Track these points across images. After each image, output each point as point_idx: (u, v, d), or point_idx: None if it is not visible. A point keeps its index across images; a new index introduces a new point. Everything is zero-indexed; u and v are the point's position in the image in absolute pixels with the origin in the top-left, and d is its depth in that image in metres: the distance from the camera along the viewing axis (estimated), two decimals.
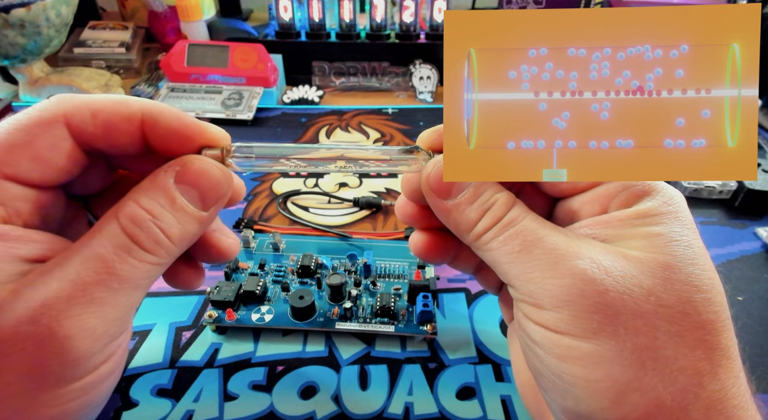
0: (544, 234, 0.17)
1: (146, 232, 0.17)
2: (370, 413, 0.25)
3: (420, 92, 0.59)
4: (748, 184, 0.40)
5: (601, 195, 0.18)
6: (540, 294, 0.17)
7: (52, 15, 0.49)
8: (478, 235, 0.19)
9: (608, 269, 0.16)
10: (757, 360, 0.28)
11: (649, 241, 0.17)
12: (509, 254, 0.18)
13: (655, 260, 0.16)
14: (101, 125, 0.18)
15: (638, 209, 0.18)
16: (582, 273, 0.16)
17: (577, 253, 0.17)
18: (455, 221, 0.19)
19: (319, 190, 0.43)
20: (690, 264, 0.16)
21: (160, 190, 0.17)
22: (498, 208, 0.18)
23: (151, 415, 0.25)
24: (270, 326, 0.29)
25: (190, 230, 0.18)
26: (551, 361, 0.17)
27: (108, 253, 0.16)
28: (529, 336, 0.18)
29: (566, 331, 0.16)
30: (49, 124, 0.17)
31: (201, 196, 0.18)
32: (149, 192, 0.17)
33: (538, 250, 0.17)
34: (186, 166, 0.18)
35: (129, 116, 0.18)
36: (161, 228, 0.17)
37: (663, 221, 0.17)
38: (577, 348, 0.16)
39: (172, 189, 0.17)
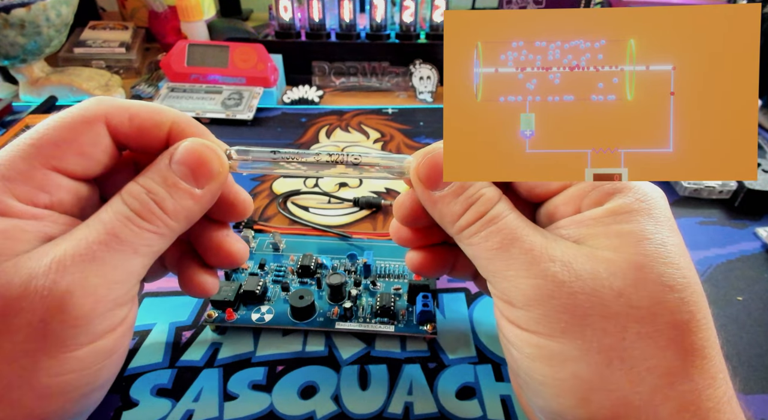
0: (523, 234, 0.18)
1: (143, 204, 0.18)
2: (370, 413, 0.25)
3: (420, 92, 0.59)
4: (748, 184, 0.40)
5: (574, 195, 0.19)
6: (513, 292, 0.17)
7: (52, 15, 0.49)
8: (460, 228, 0.19)
9: (579, 272, 0.17)
10: (757, 360, 0.28)
11: (621, 240, 0.17)
12: (488, 250, 0.18)
13: (626, 260, 0.16)
14: (136, 128, 0.20)
15: (609, 207, 0.18)
16: (553, 276, 0.17)
17: (551, 256, 0.17)
18: (440, 212, 0.20)
19: (319, 190, 0.43)
20: (662, 263, 0.16)
21: (156, 170, 0.19)
22: (482, 204, 0.19)
23: (151, 414, 0.25)
24: (270, 326, 0.29)
25: (185, 205, 0.19)
26: (523, 360, 0.18)
27: (109, 218, 0.18)
28: (504, 334, 0.19)
29: (535, 329, 0.17)
30: (92, 123, 0.19)
31: (192, 173, 0.19)
32: (147, 172, 0.19)
33: (515, 249, 0.18)
34: (179, 147, 0.20)
35: (161, 123, 0.20)
36: (156, 201, 0.19)
37: (634, 219, 0.17)
38: (546, 347, 0.17)
39: (165, 168, 0.19)
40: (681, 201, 0.42)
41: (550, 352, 0.17)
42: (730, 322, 0.31)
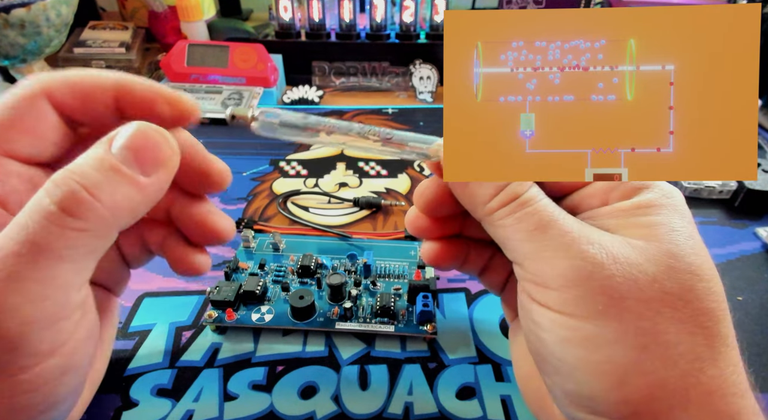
0: (560, 217, 0.18)
1: (69, 193, 0.15)
2: (370, 413, 0.25)
3: (420, 92, 0.59)
4: (748, 184, 0.40)
5: (601, 189, 0.19)
6: (548, 273, 0.17)
7: (52, 15, 0.49)
8: (491, 210, 0.19)
9: (616, 256, 0.17)
10: (756, 359, 0.28)
11: (652, 231, 0.17)
12: (523, 232, 0.18)
13: (658, 248, 0.17)
14: (79, 96, 0.19)
15: (639, 200, 0.18)
16: (593, 257, 0.17)
17: (588, 238, 0.17)
18: (471, 193, 0.20)
19: (319, 190, 0.43)
20: (692, 253, 0.17)
21: (91, 154, 0.16)
22: (517, 185, 0.19)
23: (151, 414, 0.25)
24: (270, 326, 0.29)
25: (126, 194, 0.16)
26: (555, 344, 0.18)
27: (27, 220, 0.15)
28: (533, 319, 0.18)
29: (571, 311, 0.17)
30: (32, 99, 0.18)
31: (136, 157, 0.17)
32: (83, 156, 0.16)
33: (553, 231, 0.18)
34: (121, 129, 0.17)
35: (103, 86, 0.19)
36: (87, 187, 0.15)
37: (663, 212, 0.18)
38: (581, 329, 0.17)
39: (104, 151, 0.16)
40: None
41: (585, 335, 0.17)
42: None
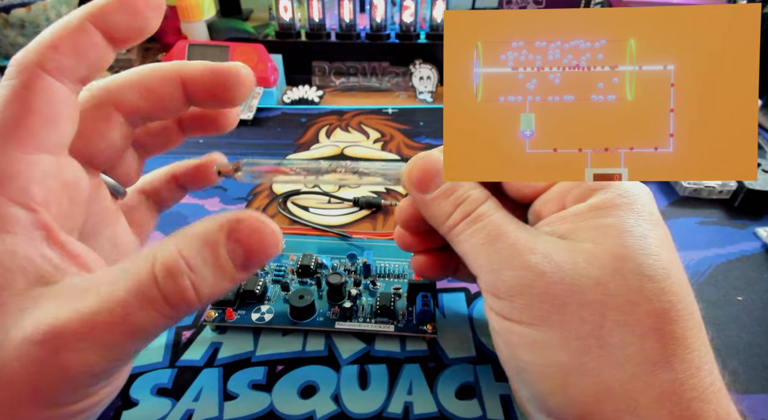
0: (508, 230, 0.19)
1: (178, 285, 0.15)
2: (370, 412, 0.25)
3: (420, 92, 0.59)
4: (748, 184, 0.40)
5: (558, 193, 0.20)
6: (498, 284, 0.18)
7: (53, 15, 0.49)
8: (450, 227, 0.20)
9: (558, 263, 0.17)
10: (756, 360, 0.28)
11: (601, 233, 0.18)
12: (475, 246, 0.19)
13: (605, 250, 0.17)
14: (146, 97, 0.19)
15: (591, 203, 0.19)
16: (534, 266, 0.17)
17: (532, 249, 0.18)
18: (432, 213, 0.21)
19: (319, 190, 0.43)
20: (641, 254, 0.17)
21: (207, 243, 0.16)
22: (469, 203, 0.20)
23: (151, 414, 0.25)
24: (270, 326, 0.29)
25: (220, 290, 0.16)
26: (507, 349, 0.19)
27: (130, 300, 0.15)
28: (491, 325, 0.20)
29: (518, 318, 0.18)
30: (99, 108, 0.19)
31: (246, 256, 0.16)
32: (195, 241, 0.16)
33: (499, 244, 0.19)
34: (241, 222, 0.16)
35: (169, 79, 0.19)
36: (194, 283, 0.15)
37: (615, 213, 0.18)
38: (527, 335, 0.18)
39: (220, 243, 0.16)
40: (681, 201, 0.42)
41: (531, 340, 0.17)
42: (730, 322, 0.31)
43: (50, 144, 0.17)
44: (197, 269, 0.15)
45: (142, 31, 0.18)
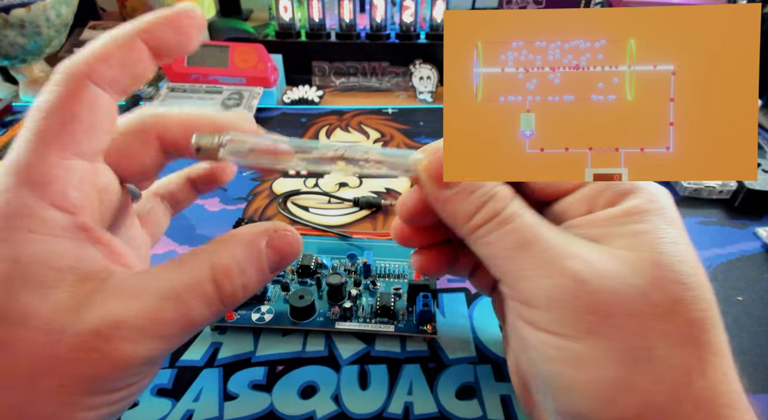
0: (541, 232, 0.17)
1: (232, 285, 0.17)
2: (370, 413, 0.25)
3: (420, 92, 0.59)
4: (748, 184, 0.40)
5: (587, 195, 0.19)
6: (533, 292, 0.17)
7: (52, 15, 0.49)
8: (474, 228, 0.19)
9: (600, 270, 0.16)
10: (756, 360, 0.28)
11: (637, 239, 0.17)
12: (505, 250, 0.18)
13: (643, 259, 0.16)
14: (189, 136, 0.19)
15: (624, 207, 0.18)
16: (575, 274, 0.16)
17: (570, 253, 0.17)
18: (452, 211, 0.19)
19: (319, 190, 0.43)
20: (678, 261, 0.16)
21: (254, 250, 0.18)
22: (497, 201, 0.18)
23: (151, 414, 0.25)
24: (270, 326, 0.29)
25: (258, 289, 0.19)
26: (544, 363, 0.17)
27: (192, 300, 0.17)
28: (522, 337, 0.18)
29: (558, 331, 0.17)
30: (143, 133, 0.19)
31: (279, 263, 0.19)
32: (244, 247, 0.18)
33: (534, 248, 0.17)
34: (281, 234, 0.19)
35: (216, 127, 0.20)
36: (244, 284, 0.18)
37: (649, 219, 0.17)
38: (569, 349, 0.16)
39: (263, 251, 0.18)
40: (681, 201, 0.42)
41: (575, 354, 0.16)
42: (730, 322, 0.31)
43: (89, 151, 0.17)
44: (246, 271, 0.18)
45: (185, 47, 0.19)
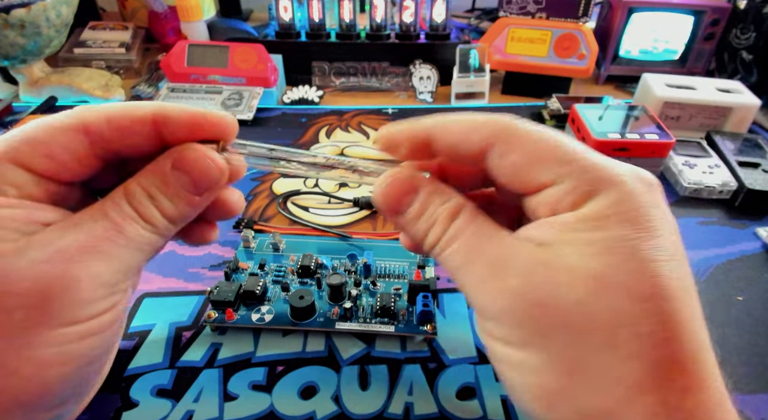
0: (485, 248, 0.18)
1: (145, 208, 0.19)
2: (370, 413, 0.25)
3: (420, 92, 0.59)
4: (748, 184, 0.40)
5: (553, 196, 0.18)
6: (484, 304, 0.18)
7: (52, 15, 0.49)
8: (429, 248, 0.20)
9: (539, 283, 0.16)
10: (756, 360, 0.28)
11: (587, 249, 0.16)
12: (455, 267, 0.19)
13: (587, 269, 0.16)
14: (115, 129, 0.20)
15: (582, 212, 0.17)
16: (514, 288, 0.17)
17: (513, 267, 0.17)
18: (413, 235, 0.20)
19: (319, 190, 0.43)
20: (626, 272, 0.16)
21: (159, 174, 0.20)
22: (441, 222, 0.19)
23: (151, 415, 0.25)
24: (270, 326, 0.29)
25: (182, 211, 0.20)
26: (497, 366, 0.19)
27: (116, 216, 0.19)
28: (482, 341, 0.19)
29: (505, 339, 0.17)
30: (68, 129, 0.19)
31: (193, 182, 0.20)
32: (150, 175, 0.20)
33: (477, 266, 0.18)
34: (181, 154, 0.20)
35: (141, 118, 0.20)
36: (157, 206, 0.20)
37: (605, 226, 0.16)
38: (513, 356, 0.17)
39: (168, 174, 0.20)
40: (681, 201, 0.42)
41: (517, 361, 0.17)
42: (730, 322, 0.31)
43: None
44: (155, 195, 0.20)
45: None
